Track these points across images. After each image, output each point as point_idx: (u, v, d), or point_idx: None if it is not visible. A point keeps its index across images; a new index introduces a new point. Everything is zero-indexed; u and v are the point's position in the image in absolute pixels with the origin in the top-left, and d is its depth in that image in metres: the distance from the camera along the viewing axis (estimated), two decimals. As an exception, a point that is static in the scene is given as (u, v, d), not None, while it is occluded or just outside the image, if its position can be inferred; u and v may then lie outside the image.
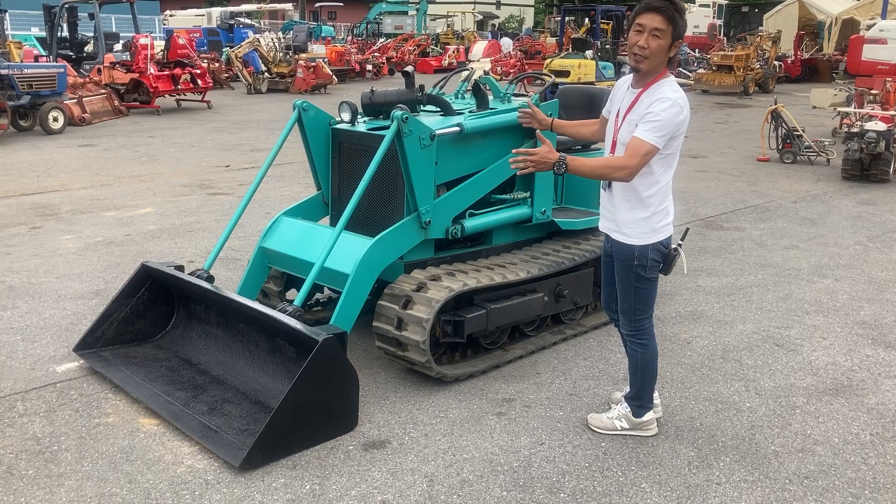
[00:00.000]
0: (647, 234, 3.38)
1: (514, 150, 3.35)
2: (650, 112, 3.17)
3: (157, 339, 4.48)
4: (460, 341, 4.20)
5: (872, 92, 12.45)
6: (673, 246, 3.46)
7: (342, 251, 4.03)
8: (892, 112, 10.70)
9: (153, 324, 4.52)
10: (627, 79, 3.45)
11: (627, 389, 3.76)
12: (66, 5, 19.82)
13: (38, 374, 4.21)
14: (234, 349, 4.17)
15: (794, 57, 27.63)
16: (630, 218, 3.38)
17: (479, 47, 30.68)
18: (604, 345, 4.77)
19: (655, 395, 3.76)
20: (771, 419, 3.89)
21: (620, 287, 3.52)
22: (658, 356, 3.65)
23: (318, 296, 5.03)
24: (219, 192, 8.98)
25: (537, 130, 3.85)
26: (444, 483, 3.29)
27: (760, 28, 31.37)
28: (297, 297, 3.88)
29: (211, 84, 18.17)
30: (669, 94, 3.18)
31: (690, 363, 4.54)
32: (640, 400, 3.66)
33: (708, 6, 35.90)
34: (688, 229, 4.04)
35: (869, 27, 20.04)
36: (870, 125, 9.94)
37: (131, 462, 3.39)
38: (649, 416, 3.69)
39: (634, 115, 3.26)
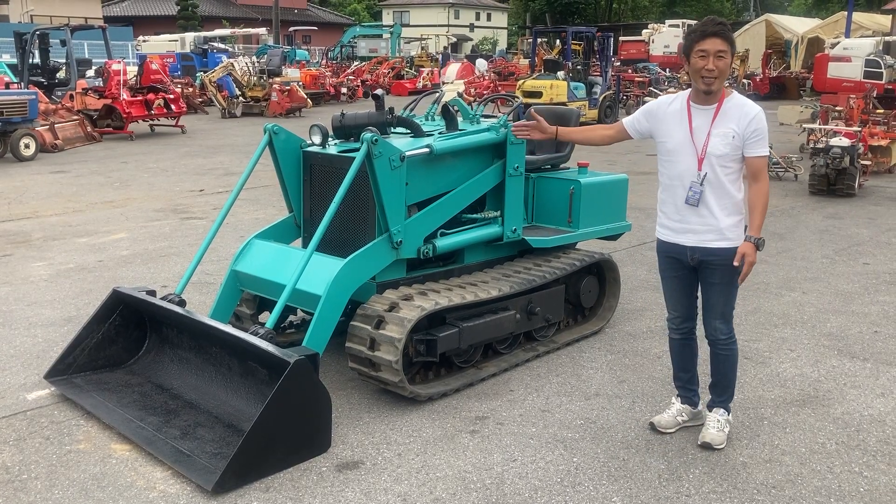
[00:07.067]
0: (743, 234, 3.61)
1: (738, 280, 3.62)
2: (756, 129, 3.48)
3: (130, 365, 4.46)
4: (433, 360, 4.23)
5: (837, 109, 12.71)
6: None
7: (314, 273, 4.06)
8: (856, 128, 10.94)
9: (125, 349, 4.50)
10: (670, 98, 3.67)
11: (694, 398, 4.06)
12: (38, 32, 19.73)
13: (8, 403, 4.17)
14: (207, 373, 4.16)
15: (762, 75, 28.16)
16: (731, 223, 3.60)
17: (453, 69, 30.89)
18: (576, 361, 4.82)
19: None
20: (739, 431, 3.95)
21: (724, 292, 3.69)
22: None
23: (291, 318, 5.03)
24: (192, 216, 8.97)
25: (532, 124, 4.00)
26: (417, 502, 3.30)
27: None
28: (269, 319, 3.90)
29: (185, 109, 18.14)
30: (754, 105, 3.53)
31: (661, 377, 4.60)
32: (731, 396, 3.91)
33: (678, 27, 36.63)
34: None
35: (833, 45, 20.50)
36: (834, 141, 10.16)
37: (103, 489, 3.37)
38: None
39: (724, 128, 3.51)
